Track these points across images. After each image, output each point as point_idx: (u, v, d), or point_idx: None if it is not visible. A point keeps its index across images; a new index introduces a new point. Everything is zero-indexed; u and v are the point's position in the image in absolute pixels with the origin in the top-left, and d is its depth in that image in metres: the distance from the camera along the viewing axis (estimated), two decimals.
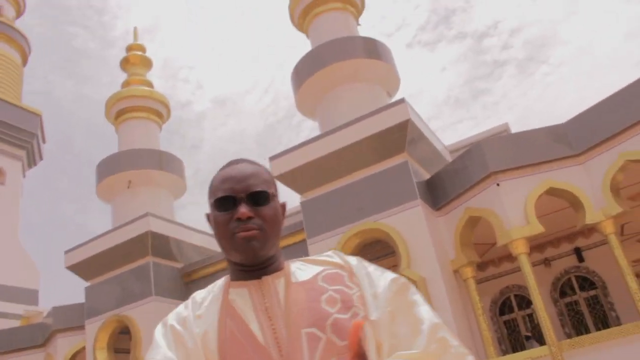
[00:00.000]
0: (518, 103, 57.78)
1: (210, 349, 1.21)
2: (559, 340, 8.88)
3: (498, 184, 9.26)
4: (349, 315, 1.22)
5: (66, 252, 13.79)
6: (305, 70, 13.14)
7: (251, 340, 1.21)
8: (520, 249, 8.98)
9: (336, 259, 1.36)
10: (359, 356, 1.03)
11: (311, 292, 1.26)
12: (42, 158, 23.69)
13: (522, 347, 11.96)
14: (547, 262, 12.80)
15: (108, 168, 15.22)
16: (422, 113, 11.08)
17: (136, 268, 12.82)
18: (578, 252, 12.59)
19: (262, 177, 1.32)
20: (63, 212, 57.88)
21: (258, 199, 1.27)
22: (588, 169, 9.23)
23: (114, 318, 12.57)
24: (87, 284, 13.63)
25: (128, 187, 14.94)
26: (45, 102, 57.15)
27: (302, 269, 1.33)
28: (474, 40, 59.70)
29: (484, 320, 9.44)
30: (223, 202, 1.28)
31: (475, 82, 60.32)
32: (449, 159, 11.91)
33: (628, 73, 51.24)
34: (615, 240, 8.84)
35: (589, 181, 9.15)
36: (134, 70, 17.81)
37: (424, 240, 9.51)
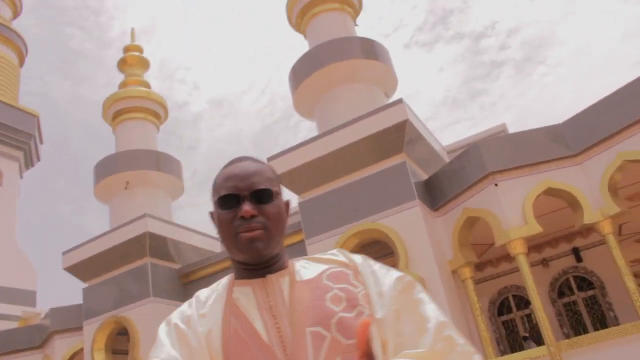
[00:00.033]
0: (515, 103, 57.91)
1: (214, 348, 1.20)
2: (558, 340, 8.89)
3: (496, 184, 9.26)
4: (354, 313, 1.20)
5: (64, 253, 13.76)
6: (302, 70, 13.12)
7: (255, 339, 1.20)
8: (518, 249, 8.98)
9: (341, 257, 1.35)
10: (367, 356, 1.02)
11: (316, 291, 1.25)
12: (40, 159, 23.65)
13: (521, 348, 11.96)
14: (545, 262, 12.81)
15: (106, 169, 15.18)
16: (420, 113, 11.08)
17: (134, 269, 12.80)
18: (576, 252, 12.60)
19: (266, 175, 1.30)
20: (60, 213, 57.83)
21: (261, 197, 1.26)
22: (586, 169, 9.24)
23: (112, 319, 12.55)
24: (85, 285, 13.60)
25: (126, 188, 14.91)
26: (41, 103, 57.15)
27: (307, 268, 1.32)
28: (472, 40, 59.83)
29: (483, 320, 9.44)
30: (226, 200, 1.26)
31: (472, 83, 60.45)
32: (447, 160, 11.91)
33: (625, 73, 51.35)
34: (613, 240, 8.84)
35: (587, 181, 9.15)
36: (131, 71, 17.78)
37: (422, 240, 9.51)
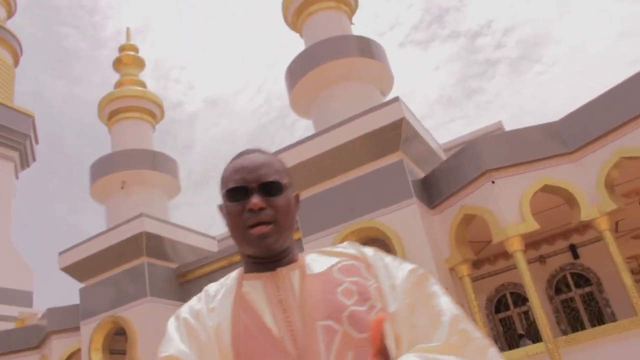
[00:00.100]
0: (511, 102, 57.88)
1: (223, 343, 1.19)
2: (555, 337, 8.90)
3: (493, 182, 9.26)
4: (366, 307, 1.19)
5: (60, 254, 13.71)
6: (299, 69, 13.11)
7: (265, 333, 1.18)
8: (515, 246, 8.99)
9: (352, 251, 1.34)
10: (381, 353, 1.00)
11: (327, 284, 1.23)
12: (35, 159, 23.55)
13: (518, 345, 11.98)
14: (542, 260, 12.83)
15: (102, 169, 15.14)
16: (415, 112, 11.07)
17: (131, 269, 12.77)
18: (573, 249, 12.62)
19: (275, 167, 1.29)
20: (55, 213, 57.63)
21: (270, 189, 1.25)
22: (583, 166, 9.25)
23: (109, 319, 12.53)
24: (82, 285, 13.57)
25: (122, 188, 14.87)
26: (36, 103, 57.04)
27: (317, 261, 1.31)
28: (467, 39, 59.74)
29: (480, 318, 9.46)
30: (235, 193, 1.25)
31: (468, 81, 60.41)
32: (444, 158, 11.91)
33: (621, 72, 51.52)
34: (610, 236, 8.86)
35: (584, 178, 9.17)
36: (127, 70, 17.70)
37: (420, 238, 9.52)
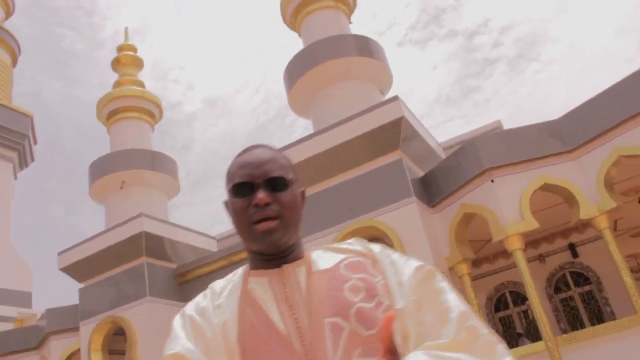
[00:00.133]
0: (509, 101, 57.93)
1: (230, 340, 1.18)
2: (555, 336, 8.90)
3: (492, 181, 9.26)
4: (374, 303, 1.18)
5: (59, 254, 13.69)
6: (297, 68, 13.10)
7: (272, 330, 1.18)
8: (515, 245, 8.99)
9: (358, 247, 1.33)
10: (391, 351, 0.99)
11: (333, 281, 1.23)
12: (34, 159, 23.54)
13: (517, 344, 11.98)
14: (542, 258, 12.82)
15: (101, 169, 15.11)
16: (414, 111, 11.08)
17: (130, 269, 12.76)
18: (572, 248, 12.62)
19: (280, 163, 1.29)
20: (53, 214, 57.58)
21: (276, 185, 1.24)
22: (582, 165, 9.25)
23: (109, 319, 12.51)
24: (81, 286, 13.55)
25: (121, 188, 14.85)
26: (34, 104, 56.98)
27: (324, 257, 1.31)
28: (465, 38, 59.80)
29: (480, 317, 9.44)
30: (241, 188, 1.25)
31: (466, 80, 60.44)
32: (443, 156, 11.90)
33: (618, 70, 51.59)
34: (609, 235, 8.86)
35: (583, 177, 9.16)
36: (125, 70, 17.67)
37: (419, 237, 9.51)
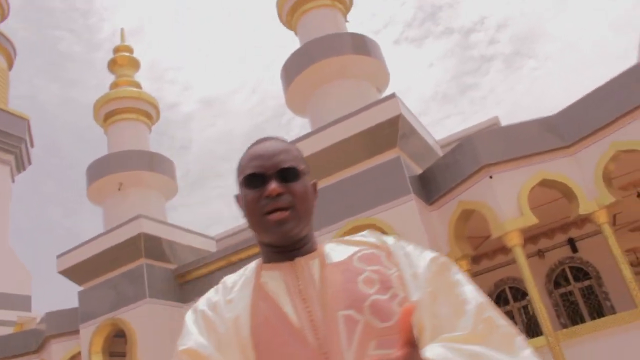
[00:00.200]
0: (505, 98, 57.98)
1: (242, 334, 1.17)
2: (555, 330, 8.90)
3: (491, 177, 9.26)
4: (388, 295, 1.17)
5: (58, 257, 13.65)
6: (294, 67, 13.09)
7: (285, 323, 1.16)
8: (514, 241, 8.99)
9: (372, 239, 1.31)
10: (410, 343, 0.96)
11: (347, 273, 1.21)
12: (31, 162, 23.47)
13: None
14: (541, 254, 12.83)
15: (98, 170, 15.08)
16: (411, 109, 11.09)
17: (129, 270, 12.73)
18: (571, 243, 12.62)
19: (292, 154, 1.30)
20: (51, 216, 57.46)
21: (288, 176, 1.24)
22: (580, 160, 9.25)
23: (109, 321, 12.48)
24: (80, 288, 13.52)
25: (119, 189, 14.83)
26: (31, 106, 56.67)
27: (337, 250, 1.29)
28: (461, 35, 59.80)
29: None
30: (252, 180, 1.24)
31: (462, 78, 60.43)
32: (441, 154, 11.90)
33: (614, 66, 51.59)
34: (608, 229, 8.86)
35: (581, 172, 9.16)
36: (122, 71, 17.63)
37: (418, 234, 9.50)
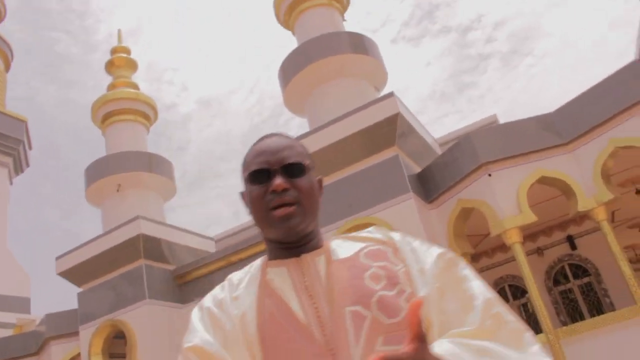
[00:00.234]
0: (503, 96, 57.96)
1: (249, 331, 1.17)
2: (555, 328, 8.91)
3: (489, 175, 9.26)
4: (395, 291, 1.16)
5: (57, 258, 13.63)
6: (292, 67, 13.08)
7: (292, 320, 1.16)
8: (513, 239, 8.99)
9: (378, 235, 1.31)
10: (419, 338, 0.94)
11: (353, 269, 1.21)
12: (29, 164, 23.43)
13: None
14: (540, 251, 12.84)
15: (97, 172, 15.06)
16: (409, 108, 11.11)
17: (129, 272, 12.72)
18: (570, 240, 12.63)
19: (297, 150, 1.29)
20: (49, 218, 57.36)
21: (293, 171, 1.24)
22: (578, 157, 9.25)
23: (108, 323, 12.47)
24: (80, 290, 13.51)
25: (117, 191, 14.81)
26: (28, 108, 56.58)
27: (343, 246, 1.29)
28: (458, 34, 59.82)
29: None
30: (257, 176, 1.24)
31: (460, 76, 60.44)
32: (439, 152, 11.91)
33: (611, 63, 51.74)
34: (607, 226, 8.87)
35: (580, 169, 9.17)
36: (119, 72, 17.60)
37: (417, 233, 9.50)
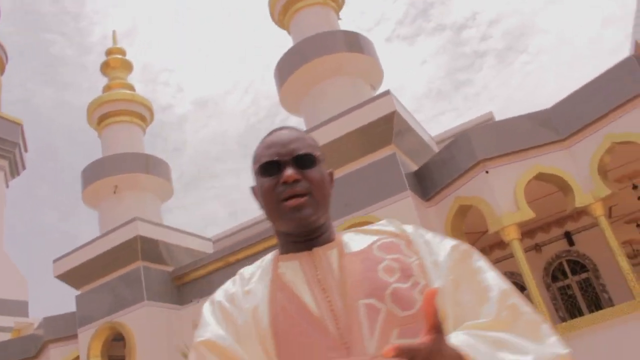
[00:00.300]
0: (499, 93, 58.15)
1: (261, 325, 1.15)
2: (554, 324, 8.93)
3: (487, 172, 9.27)
4: (409, 284, 1.14)
5: (54, 261, 13.59)
6: (287, 66, 13.07)
7: (305, 313, 1.14)
8: (511, 235, 9.00)
9: (391, 228, 1.30)
10: (435, 328, 0.93)
11: (366, 262, 1.19)
12: (25, 167, 23.35)
13: None
14: (538, 248, 12.86)
15: (93, 173, 15.02)
16: (405, 106, 11.12)
17: (127, 273, 12.69)
18: (568, 236, 12.66)
19: (307, 142, 1.28)
20: (45, 221, 57.23)
21: (304, 162, 1.23)
22: (575, 153, 9.27)
23: (107, 325, 12.44)
24: (78, 292, 13.47)
25: (114, 192, 14.77)
26: (24, 111, 56.64)
27: (355, 240, 1.27)
28: (453, 32, 59.91)
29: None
30: (268, 168, 1.24)
31: (455, 74, 60.55)
32: (436, 150, 11.91)
33: (606, 60, 51.83)
34: (605, 222, 8.89)
35: (576, 165, 9.19)
36: (115, 74, 17.55)
37: None
